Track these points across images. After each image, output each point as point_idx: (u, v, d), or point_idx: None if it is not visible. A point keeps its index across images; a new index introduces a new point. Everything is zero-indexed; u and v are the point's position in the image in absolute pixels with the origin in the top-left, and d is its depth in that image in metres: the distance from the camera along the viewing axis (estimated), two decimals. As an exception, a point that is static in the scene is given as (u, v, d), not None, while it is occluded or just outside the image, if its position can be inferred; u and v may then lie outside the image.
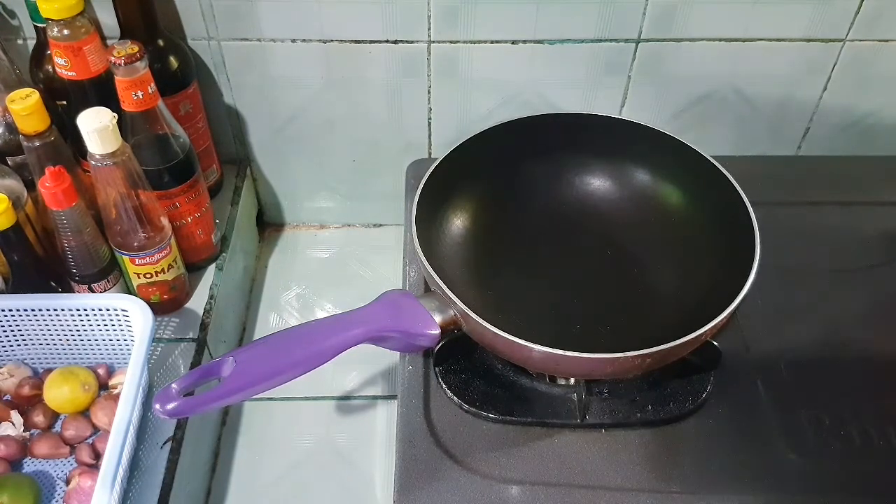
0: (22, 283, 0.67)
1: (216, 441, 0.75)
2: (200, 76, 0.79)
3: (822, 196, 0.76)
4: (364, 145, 0.87)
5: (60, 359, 0.70)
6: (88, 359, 0.70)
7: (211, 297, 0.76)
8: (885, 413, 0.59)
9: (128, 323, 0.67)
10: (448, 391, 0.59)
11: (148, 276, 0.69)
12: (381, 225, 0.97)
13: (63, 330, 0.68)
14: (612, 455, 0.56)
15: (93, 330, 0.68)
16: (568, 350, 0.51)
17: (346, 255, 0.93)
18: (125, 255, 0.67)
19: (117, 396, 0.61)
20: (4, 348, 0.69)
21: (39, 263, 0.67)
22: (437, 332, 0.55)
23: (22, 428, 0.66)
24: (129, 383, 0.59)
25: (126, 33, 0.72)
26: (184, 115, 0.77)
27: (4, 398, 0.68)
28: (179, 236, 0.72)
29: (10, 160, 0.69)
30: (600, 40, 0.77)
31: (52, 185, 0.61)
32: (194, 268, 0.77)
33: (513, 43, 0.77)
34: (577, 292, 0.64)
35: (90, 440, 0.66)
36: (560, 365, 0.54)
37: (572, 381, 0.60)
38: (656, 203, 0.68)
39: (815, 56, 0.79)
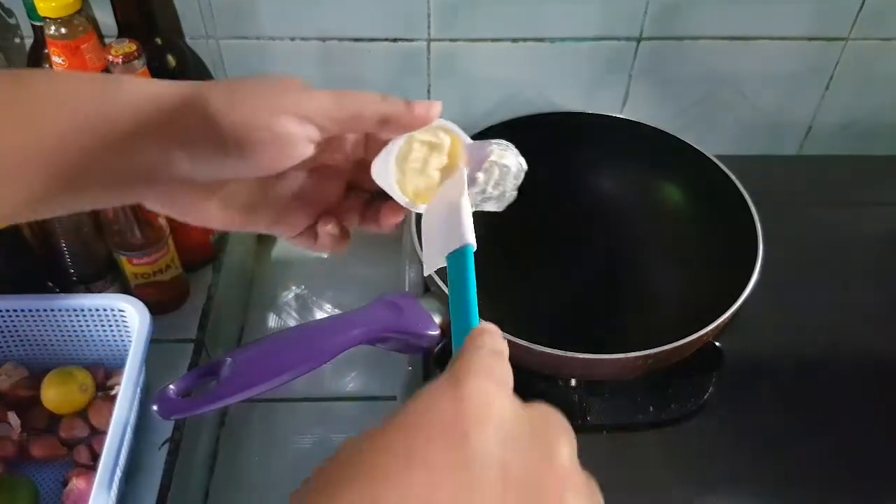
0: (19, 283, 0.67)
1: (215, 442, 0.75)
2: (199, 75, 0.79)
3: (823, 196, 0.76)
4: (363, 144, 0.87)
5: (58, 359, 0.69)
6: (86, 359, 0.69)
7: (209, 297, 0.75)
8: (885, 413, 0.59)
9: (125, 323, 0.66)
10: (448, 392, 0.59)
11: (146, 276, 0.69)
12: (380, 224, 0.96)
13: (60, 330, 0.67)
14: (614, 457, 0.56)
15: (90, 330, 0.67)
16: (568, 350, 0.50)
17: (346, 255, 0.93)
18: (123, 254, 0.67)
19: (115, 397, 0.60)
20: (2, 349, 0.68)
21: (37, 263, 0.67)
22: (437, 332, 0.55)
23: (19, 429, 0.66)
24: (127, 384, 0.59)
25: (124, 32, 0.71)
26: (182, 114, 0.76)
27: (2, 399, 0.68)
28: (177, 236, 0.72)
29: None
30: (602, 38, 0.77)
31: (49, 184, 0.60)
32: (192, 268, 0.77)
33: (513, 41, 0.77)
34: (578, 292, 0.64)
35: (88, 441, 0.65)
36: (560, 365, 0.54)
37: (573, 381, 0.60)
38: (657, 203, 0.68)
39: (817, 55, 0.79)
